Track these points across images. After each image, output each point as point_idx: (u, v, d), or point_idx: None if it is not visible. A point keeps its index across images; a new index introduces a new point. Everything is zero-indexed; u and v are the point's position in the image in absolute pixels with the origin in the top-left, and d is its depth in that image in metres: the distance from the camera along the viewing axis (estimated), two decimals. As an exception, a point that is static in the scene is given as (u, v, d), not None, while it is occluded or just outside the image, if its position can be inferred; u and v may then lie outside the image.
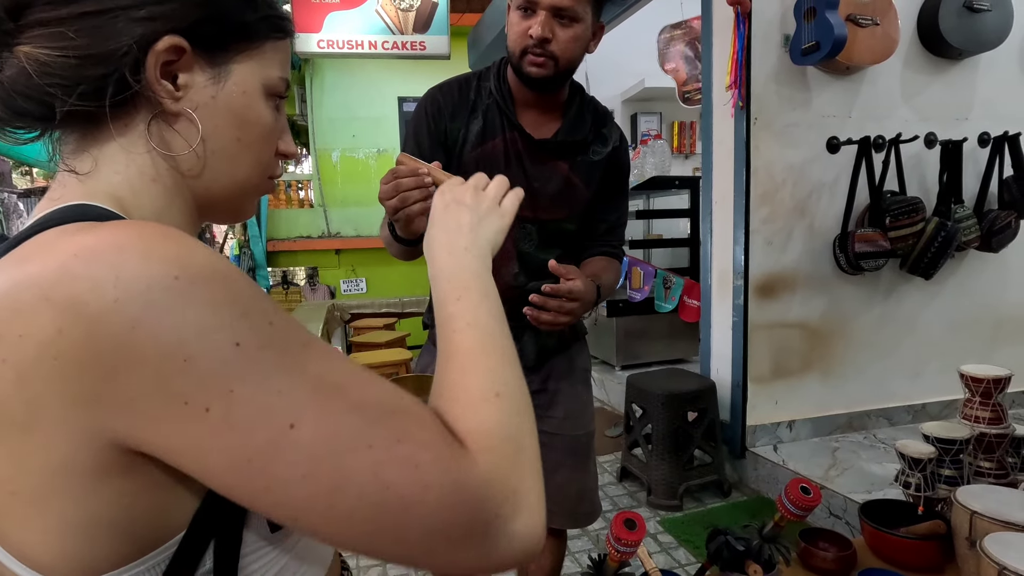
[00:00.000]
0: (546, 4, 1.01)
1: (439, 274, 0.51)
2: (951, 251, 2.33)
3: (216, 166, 0.45)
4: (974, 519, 1.06)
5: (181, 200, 0.45)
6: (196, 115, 0.43)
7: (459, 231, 0.54)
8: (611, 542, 1.03)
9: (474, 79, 1.16)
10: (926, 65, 2.49)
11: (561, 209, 1.17)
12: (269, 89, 0.47)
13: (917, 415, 2.65)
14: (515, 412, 0.41)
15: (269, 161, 0.49)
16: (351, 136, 5.92)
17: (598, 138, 1.19)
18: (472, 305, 0.47)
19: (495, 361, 0.43)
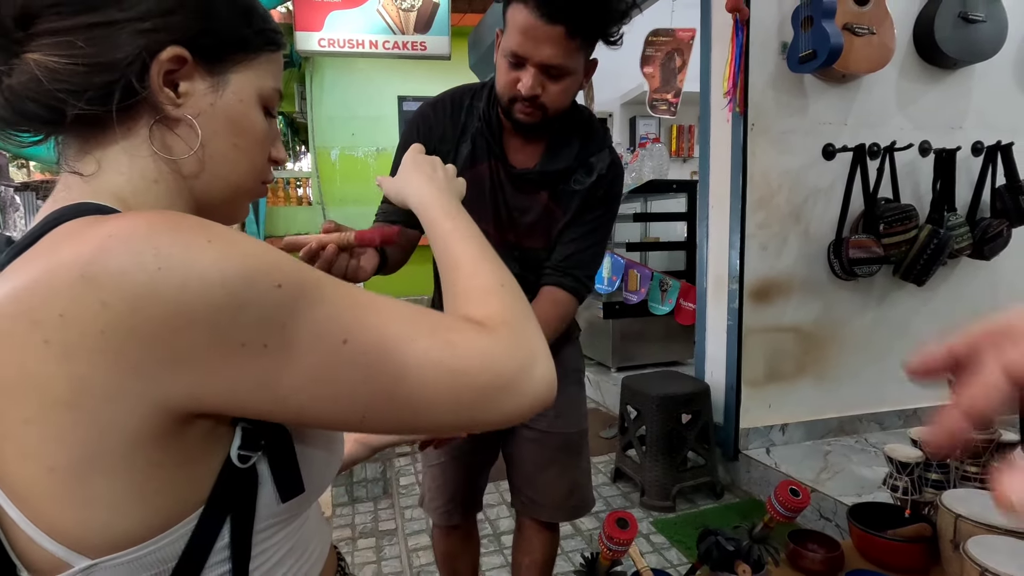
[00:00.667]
0: (536, 61, 0.97)
1: (428, 201, 0.61)
2: (943, 258, 2.36)
3: (214, 169, 0.47)
4: (958, 522, 1.08)
5: (181, 201, 0.47)
6: (196, 121, 0.45)
7: (434, 175, 0.65)
8: (603, 541, 1.05)
9: (468, 97, 1.15)
10: (921, 74, 2.52)
11: (539, 238, 1.16)
12: (263, 98, 0.50)
13: (908, 420, 2.67)
14: (517, 297, 0.50)
15: (263, 166, 0.52)
16: (350, 135, 5.93)
17: (582, 167, 1.15)
18: (464, 223, 0.57)
19: (493, 263, 0.52)
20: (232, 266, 0.35)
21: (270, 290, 0.36)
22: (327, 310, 0.38)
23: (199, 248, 0.35)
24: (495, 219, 1.15)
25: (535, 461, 1.28)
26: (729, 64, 2.22)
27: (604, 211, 1.18)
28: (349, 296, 0.40)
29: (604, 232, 1.20)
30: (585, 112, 1.17)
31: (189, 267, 0.34)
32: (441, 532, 1.39)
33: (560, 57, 0.97)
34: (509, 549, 2.06)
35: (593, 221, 1.17)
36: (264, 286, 0.36)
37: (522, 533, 1.37)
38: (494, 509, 2.34)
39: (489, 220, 1.14)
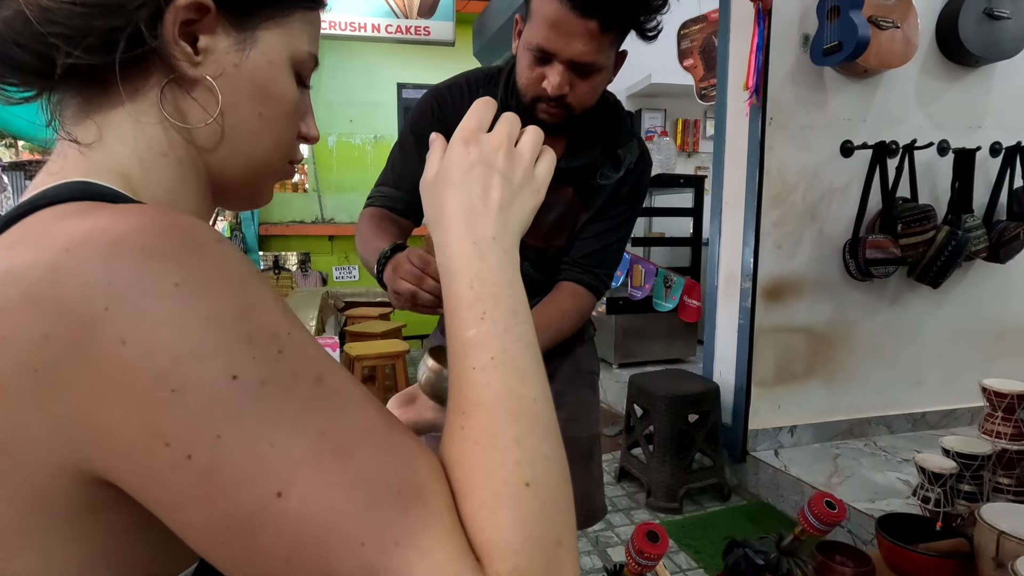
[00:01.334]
0: (565, 58, 0.87)
1: (456, 271, 0.38)
2: (960, 261, 2.32)
3: (235, 142, 0.40)
4: (1002, 539, 1.03)
5: (195, 179, 0.40)
6: (216, 83, 0.38)
7: (486, 210, 0.39)
8: (631, 554, 0.99)
9: (482, 83, 1.06)
10: (942, 71, 2.46)
11: (561, 237, 1.08)
12: (297, 63, 0.42)
13: (917, 424, 2.64)
14: (551, 510, 0.31)
15: (290, 143, 0.44)
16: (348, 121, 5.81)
17: (610, 160, 1.06)
18: (500, 328, 0.35)
19: (525, 427, 0.32)
20: (190, 330, 0.26)
21: (220, 379, 0.26)
22: (280, 433, 0.27)
23: (158, 293, 0.27)
24: None
25: None
26: (750, 56, 2.15)
27: (629, 206, 1.11)
28: (323, 422, 0.28)
29: (628, 229, 1.13)
30: (611, 99, 1.09)
31: (138, 316, 0.26)
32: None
33: (592, 53, 0.87)
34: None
35: (617, 217, 1.10)
36: (214, 371, 0.26)
37: None
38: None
39: None
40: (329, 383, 0.29)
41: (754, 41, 2.14)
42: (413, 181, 1.04)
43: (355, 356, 3.06)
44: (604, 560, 1.95)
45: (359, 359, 3.06)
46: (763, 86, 2.19)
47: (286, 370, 0.28)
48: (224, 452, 0.26)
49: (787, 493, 2.24)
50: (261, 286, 0.30)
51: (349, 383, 0.31)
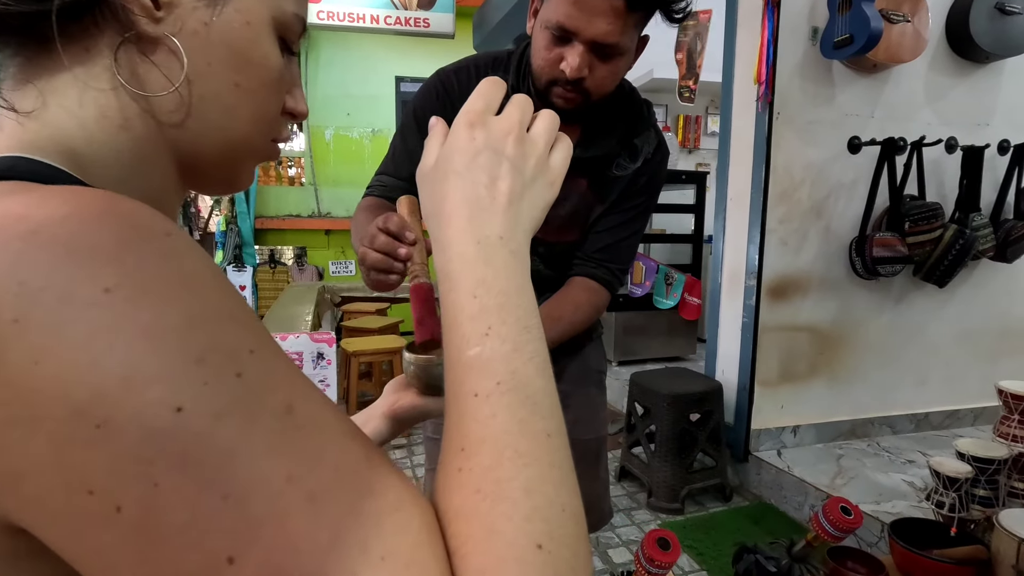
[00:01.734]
0: (586, 37, 0.82)
1: (457, 276, 0.32)
2: (967, 260, 2.28)
3: (206, 116, 0.34)
4: (1022, 547, 1.00)
5: (159, 158, 0.34)
6: (181, 45, 0.32)
7: (493, 203, 0.34)
8: (641, 561, 0.95)
9: (490, 67, 1.00)
10: (951, 67, 2.42)
11: (573, 231, 1.04)
12: (280, 26, 0.36)
13: (920, 424, 2.62)
14: (566, 574, 0.26)
15: (274, 119, 0.38)
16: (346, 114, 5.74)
17: (627, 150, 1.01)
18: (509, 347, 0.30)
19: (537, 472, 0.27)
20: (115, 349, 0.21)
21: (159, 412, 0.21)
22: (234, 484, 0.21)
23: (83, 300, 0.21)
24: None
25: None
26: (760, 49, 2.11)
27: (646, 199, 1.06)
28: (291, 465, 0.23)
29: (643, 221, 1.08)
30: (627, 86, 1.03)
31: (56, 330, 0.21)
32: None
33: (616, 34, 0.82)
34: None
35: (632, 210, 1.05)
36: (151, 401, 0.21)
37: None
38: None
39: None
40: (302, 412, 0.24)
41: (764, 34, 2.09)
42: (414, 170, 0.99)
43: (352, 352, 3.01)
44: (605, 562, 1.92)
45: (356, 355, 3.02)
46: (771, 80, 2.15)
47: (247, 398, 0.23)
48: (163, 505, 0.21)
49: (790, 494, 2.21)
50: (220, 292, 0.25)
51: (327, 410, 0.26)
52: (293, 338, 2.43)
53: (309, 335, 2.48)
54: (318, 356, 2.48)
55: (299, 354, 2.46)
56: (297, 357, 2.46)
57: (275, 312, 3.27)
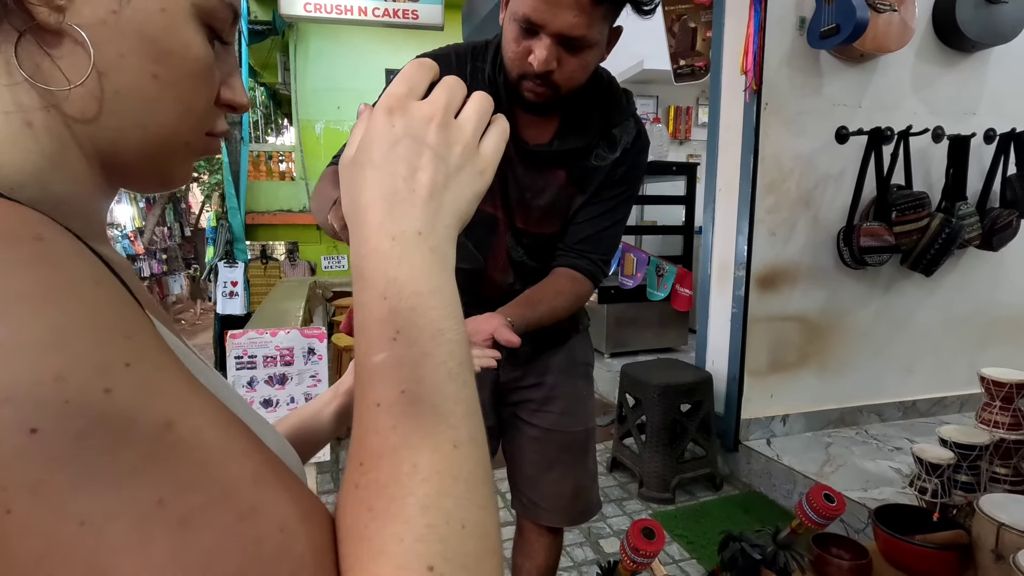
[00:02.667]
0: (552, 30, 0.81)
1: (368, 275, 0.31)
2: (954, 249, 2.30)
3: (122, 112, 0.32)
4: (1001, 531, 1.01)
5: (74, 157, 0.32)
6: (87, 35, 0.29)
7: (412, 196, 0.32)
8: (626, 551, 0.96)
9: (469, 57, 1.00)
10: (938, 56, 2.43)
11: (554, 222, 1.04)
12: (204, 13, 0.33)
13: (908, 411, 2.65)
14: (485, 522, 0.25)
15: (205, 110, 0.35)
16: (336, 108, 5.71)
17: (604, 140, 1.01)
18: (417, 352, 0.29)
19: (440, 484, 0.26)
20: None
21: (10, 432, 0.20)
22: (96, 506, 0.20)
23: None
24: (503, 202, 1.02)
25: (537, 461, 1.19)
26: (746, 39, 2.11)
27: (625, 188, 1.06)
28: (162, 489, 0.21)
29: (624, 211, 1.08)
30: (605, 76, 1.03)
31: None
32: None
33: (582, 27, 0.82)
34: (504, 540, 1.98)
35: (613, 199, 1.05)
36: (1, 425, 0.20)
37: (523, 536, 1.28)
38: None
39: (498, 203, 1.01)
40: (183, 428, 0.23)
41: (751, 24, 2.09)
42: None
43: (343, 347, 3.01)
44: (597, 552, 1.93)
45: (347, 349, 3.02)
46: (759, 71, 2.15)
47: (118, 414, 0.21)
48: (16, 533, 0.20)
49: (779, 482, 2.23)
50: (95, 301, 0.23)
51: (216, 425, 0.24)
52: (284, 333, 2.43)
53: (300, 330, 2.47)
54: (309, 351, 2.47)
55: (290, 349, 2.45)
56: (288, 352, 2.45)
57: (265, 308, 3.26)
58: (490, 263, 1.06)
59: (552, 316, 0.99)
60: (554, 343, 1.17)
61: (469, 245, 1.04)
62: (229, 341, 2.31)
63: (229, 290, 5.09)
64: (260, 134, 8.15)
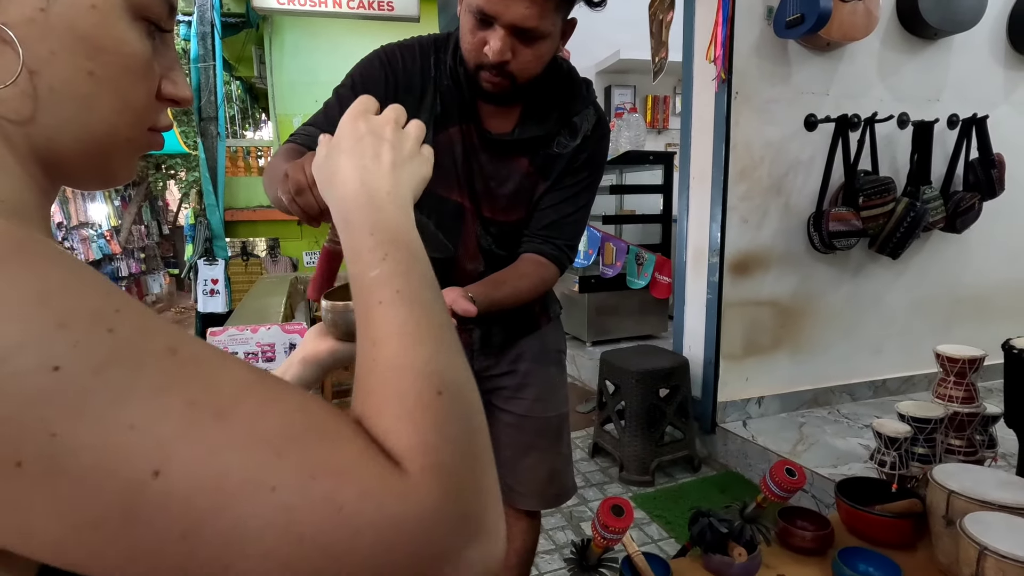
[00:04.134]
0: (506, 21, 0.84)
1: (355, 221, 0.40)
2: (919, 232, 2.37)
3: (59, 108, 0.32)
4: (951, 498, 1.07)
5: (11, 156, 0.32)
6: (15, 33, 0.30)
7: (379, 169, 0.42)
8: (597, 528, 1.00)
9: (432, 48, 1.01)
10: (902, 44, 2.49)
11: (519, 210, 1.06)
12: (137, 7, 0.34)
13: (878, 390, 2.73)
14: (463, 413, 0.32)
15: (145, 106, 0.36)
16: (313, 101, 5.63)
17: (566, 127, 1.04)
18: (403, 267, 0.37)
19: (433, 347, 0.34)
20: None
21: (35, 374, 0.22)
22: (138, 412, 0.23)
23: None
24: (470, 191, 1.04)
25: (513, 446, 1.22)
26: (715, 29, 2.14)
27: (588, 175, 1.09)
28: (191, 389, 0.25)
29: (588, 197, 1.11)
30: (564, 66, 1.06)
31: None
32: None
33: (534, 18, 0.84)
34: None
35: (575, 186, 1.07)
36: (23, 367, 0.22)
37: None
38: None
39: (464, 192, 1.04)
40: (186, 352, 0.26)
41: (719, 13, 2.12)
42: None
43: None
44: (578, 534, 1.98)
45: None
46: (728, 60, 2.19)
47: (127, 347, 0.24)
48: (67, 450, 0.22)
49: (755, 462, 2.30)
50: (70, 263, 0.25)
51: (210, 349, 0.28)
52: (264, 330, 2.43)
53: (281, 326, 2.47)
54: (290, 347, 2.48)
55: (271, 345, 2.45)
56: (269, 349, 2.46)
57: (246, 304, 3.25)
58: (460, 251, 1.08)
59: (515, 298, 1.01)
60: (526, 331, 1.20)
61: (440, 235, 1.06)
62: (210, 338, 2.31)
63: (210, 288, 5.04)
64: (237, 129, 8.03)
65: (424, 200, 1.07)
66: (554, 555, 1.87)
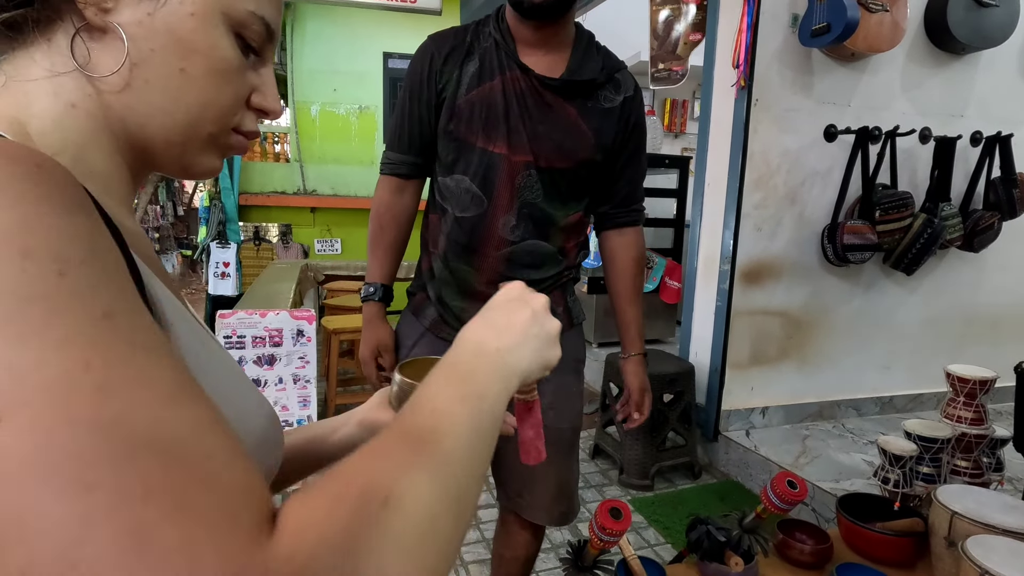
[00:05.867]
0: None
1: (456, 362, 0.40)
2: (935, 248, 2.34)
3: (152, 98, 0.37)
4: (954, 520, 1.06)
5: (109, 136, 0.38)
6: (126, 33, 0.36)
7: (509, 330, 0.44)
8: (594, 530, 0.99)
9: (472, 25, 1.10)
10: (928, 58, 2.45)
11: (566, 158, 1.09)
12: (234, 22, 0.38)
13: (884, 407, 2.70)
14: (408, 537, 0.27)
15: (230, 107, 0.40)
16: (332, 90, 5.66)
17: (610, 82, 1.10)
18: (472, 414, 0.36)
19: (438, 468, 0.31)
20: None
21: None
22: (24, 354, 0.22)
23: None
24: (508, 137, 1.07)
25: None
26: (739, 35, 2.12)
27: (643, 133, 1.18)
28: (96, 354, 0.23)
29: (643, 157, 1.21)
30: (587, 34, 1.13)
31: None
32: None
33: None
34: (484, 524, 2.03)
35: (639, 145, 1.17)
36: None
37: (506, 528, 1.30)
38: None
39: (503, 139, 1.07)
40: (121, 321, 0.25)
41: (743, 19, 2.10)
42: (416, 139, 1.12)
43: (333, 329, 3.03)
44: (575, 535, 1.98)
45: (336, 332, 3.04)
46: (750, 67, 2.17)
47: (63, 293, 0.24)
48: None
49: (756, 472, 2.29)
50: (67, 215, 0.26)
51: (152, 333, 0.26)
52: (273, 315, 2.45)
53: (289, 312, 2.49)
54: (298, 333, 2.49)
55: (279, 331, 2.47)
56: (277, 334, 2.47)
57: (256, 289, 3.27)
58: (494, 204, 1.09)
59: (640, 290, 1.26)
60: None
61: (474, 187, 1.09)
62: (219, 320, 2.33)
63: (221, 271, 5.08)
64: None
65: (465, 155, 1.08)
66: (550, 554, 1.88)
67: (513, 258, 1.11)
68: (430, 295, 1.17)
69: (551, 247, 1.13)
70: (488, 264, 1.10)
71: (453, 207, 1.10)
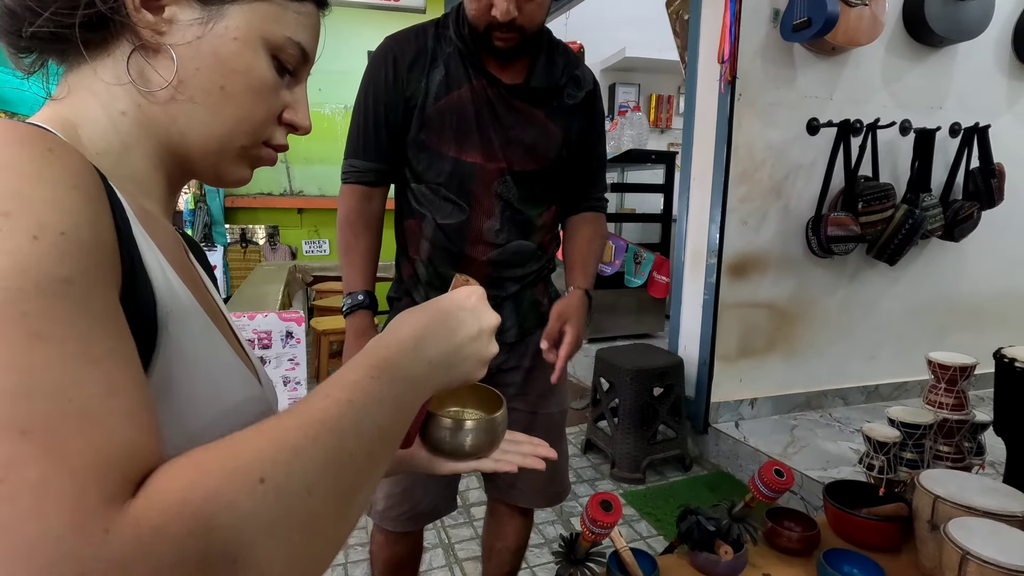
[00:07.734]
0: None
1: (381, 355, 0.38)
2: (917, 239, 2.38)
3: (193, 111, 0.42)
4: (937, 503, 1.08)
5: (151, 143, 0.42)
6: (176, 52, 0.40)
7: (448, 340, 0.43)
8: (586, 523, 1.00)
9: (431, 27, 1.08)
10: (907, 51, 2.49)
11: (536, 160, 1.10)
12: (272, 46, 0.43)
13: (870, 396, 2.75)
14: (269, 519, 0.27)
15: (262, 121, 0.45)
16: (317, 90, 5.62)
17: (571, 80, 1.12)
18: (376, 396, 0.35)
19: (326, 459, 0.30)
20: None
21: None
22: None
23: None
24: (483, 145, 1.07)
25: None
26: (722, 30, 2.14)
27: (603, 122, 1.21)
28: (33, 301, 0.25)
29: (603, 147, 1.23)
30: (547, 32, 1.14)
31: None
32: (389, 538, 1.20)
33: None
34: (479, 521, 2.03)
35: (600, 134, 1.20)
36: None
37: (496, 519, 1.32)
38: (463, 480, 2.31)
39: (476, 148, 1.07)
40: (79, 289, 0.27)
41: (727, 14, 2.12)
42: (376, 148, 1.09)
43: (322, 331, 3.02)
44: (568, 529, 1.99)
45: (326, 333, 3.03)
46: (734, 61, 2.19)
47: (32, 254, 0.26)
48: None
49: (745, 463, 2.31)
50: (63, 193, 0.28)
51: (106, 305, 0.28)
52: (261, 317, 2.43)
53: (278, 314, 2.48)
54: (287, 335, 2.48)
55: (268, 333, 2.46)
56: (266, 336, 2.46)
57: (244, 291, 3.25)
58: (475, 211, 1.10)
59: (599, 260, 1.21)
60: (536, 327, 1.21)
61: (451, 195, 1.09)
62: (206, 324, 2.30)
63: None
64: (239, 115, 8.02)
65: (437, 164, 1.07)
66: (543, 549, 1.89)
67: (500, 260, 1.12)
68: (417, 300, 1.18)
69: (532, 244, 1.15)
70: (476, 267, 1.11)
71: (434, 213, 1.10)
